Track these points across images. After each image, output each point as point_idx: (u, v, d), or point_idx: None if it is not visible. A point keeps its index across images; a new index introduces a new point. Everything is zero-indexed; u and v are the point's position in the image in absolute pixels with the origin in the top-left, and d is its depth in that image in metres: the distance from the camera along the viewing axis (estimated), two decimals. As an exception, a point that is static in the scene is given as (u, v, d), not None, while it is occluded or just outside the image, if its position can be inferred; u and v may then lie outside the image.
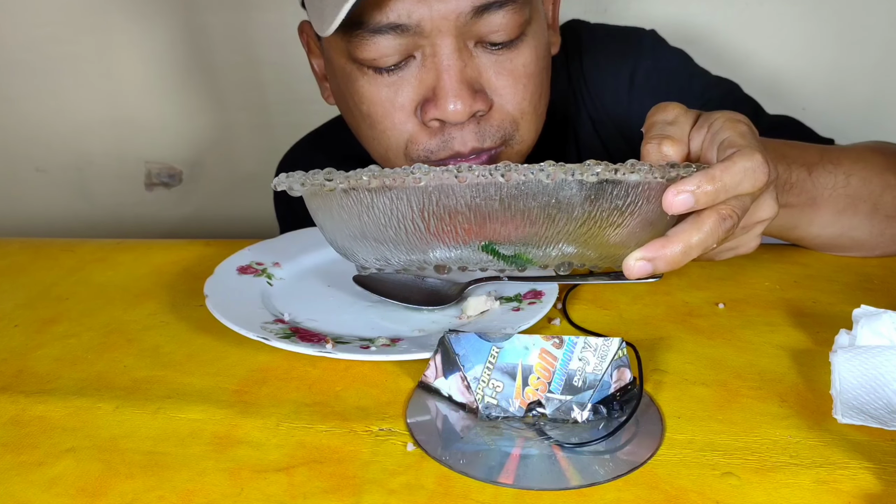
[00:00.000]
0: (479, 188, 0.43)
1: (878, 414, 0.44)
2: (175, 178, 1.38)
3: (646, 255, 0.45)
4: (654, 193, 0.45)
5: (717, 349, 0.54)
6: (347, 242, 0.50)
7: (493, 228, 0.45)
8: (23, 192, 1.41)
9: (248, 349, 0.55)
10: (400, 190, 0.44)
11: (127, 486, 0.42)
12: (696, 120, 0.53)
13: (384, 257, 0.49)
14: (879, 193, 0.64)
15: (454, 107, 0.62)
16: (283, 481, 0.42)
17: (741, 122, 0.51)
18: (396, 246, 0.47)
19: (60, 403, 0.50)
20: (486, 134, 0.65)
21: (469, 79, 0.63)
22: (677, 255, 0.45)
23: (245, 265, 0.66)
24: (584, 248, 0.47)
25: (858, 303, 0.50)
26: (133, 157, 1.37)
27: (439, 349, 0.49)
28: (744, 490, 0.40)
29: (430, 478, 0.42)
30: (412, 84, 0.64)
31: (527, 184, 0.43)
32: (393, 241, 0.47)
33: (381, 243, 0.48)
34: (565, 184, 0.43)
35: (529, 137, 0.69)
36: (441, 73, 0.62)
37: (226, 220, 1.39)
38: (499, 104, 0.65)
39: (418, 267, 0.49)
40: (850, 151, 0.66)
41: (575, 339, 0.47)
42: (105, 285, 0.68)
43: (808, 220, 0.64)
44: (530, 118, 0.67)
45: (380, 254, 0.49)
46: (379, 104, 0.66)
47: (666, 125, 0.52)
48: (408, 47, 0.62)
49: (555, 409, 0.46)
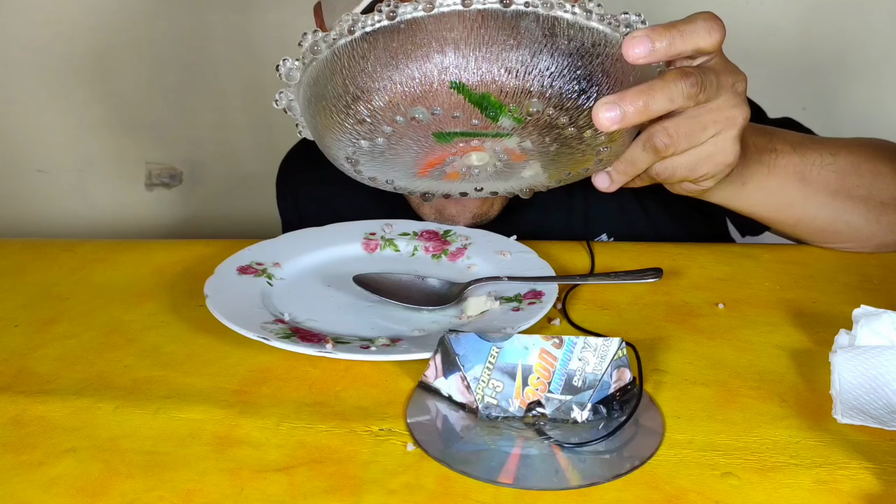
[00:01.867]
0: (445, 17, 0.45)
1: (878, 414, 0.44)
2: (175, 178, 1.38)
3: (609, 99, 0.45)
4: (612, 48, 0.47)
5: (717, 349, 0.54)
6: (340, 141, 0.51)
7: (461, 57, 0.46)
8: (23, 192, 1.41)
9: (248, 349, 0.55)
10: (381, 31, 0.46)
11: (127, 486, 0.42)
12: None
13: (366, 131, 0.49)
14: (871, 179, 0.65)
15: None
16: (283, 481, 0.42)
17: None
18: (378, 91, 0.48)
19: (60, 403, 0.50)
20: None
21: None
22: (641, 96, 0.45)
23: (245, 265, 0.66)
24: (551, 109, 0.47)
25: (858, 303, 0.50)
26: (133, 157, 1.37)
27: (439, 349, 0.49)
28: (744, 490, 0.40)
29: (430, 478, 0.42)
30: None
31: (491, 12, 0.45)
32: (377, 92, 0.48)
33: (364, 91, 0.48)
34: (524, 16, 0.45)
35: None
36: None
37: (226, 220, 1.39)
38: None
39: (411, 133, 0.50)
40: (835, 139, 0.67)
41: (575, 340, 0.47)
42: (105, 285, 0.68)
43: (802, 196, 0.64)
44: None
45: (375, 149, 0.50)
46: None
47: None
48: None
49: (555, 409, 0.46)
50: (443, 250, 0.70)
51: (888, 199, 0.65)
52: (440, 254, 0.70)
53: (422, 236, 0.72)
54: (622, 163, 0.54)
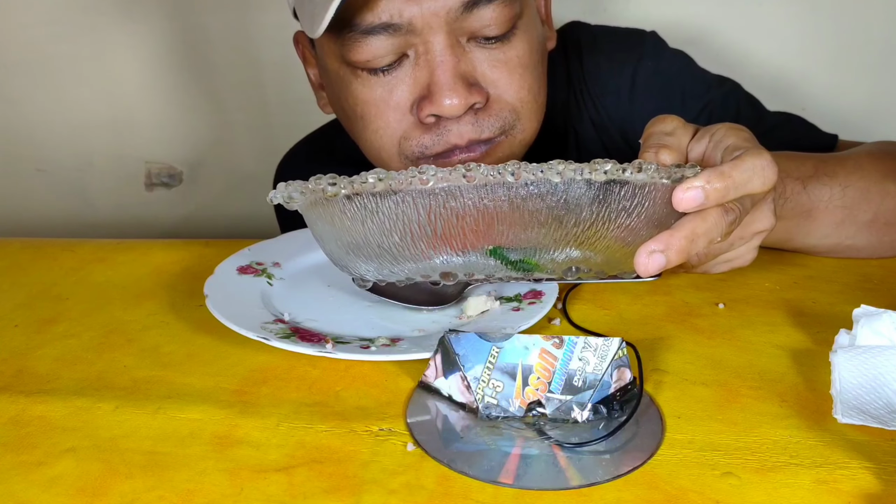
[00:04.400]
0: (487, 189, 0.42)
1: (878, 414, 0.44)
2: (175, 178, 1.38)
3: (656, 246, 0.44)
4: (660, 194, 0.44)
5: (717, 349, 0.54)
6: (348, 253, 0.48)
7: (500, 231, 0.44)
8: (23, 192, 1.41)
9: (248, 349, 0.55)
10: (406, 193, 0.43)
11: (127, 486, 0.42)
12: (695, 133, 0.53)
13: (387, 267, 0.47)
14: (879, 202, 0.64)
15: (450, 101, 0.62)
16: (283, 481, 0.42)
17: (743, 129, 0.51)
18: (401, 252, 0.46)
19: (60, 403, 0.50)
20: (484, 125, 0.65)
21: (463, 73, 0.63)
22: (684, 242, 0.44)
23: (245, 265, 0.66)
24: (591, 252, 0.46)
25: (858, 303, 0.50)
26: (133, 157, 1.37)
27: (439, 349, 0.49)
28: (744, 490, 0.40)
29: (430, 478, 0.42)
30: (406, 83, 0.64)
31: (536, 183, 0.42)
32: (397, 248, 0.46)
33: (384, 251, 0.46)
34: (574, 183, 0.42)
35: (531, 126, 0.69)
36: (434, 69, 0.62)
37: (226, 220, 1.39)
38: (496, 95, 0.65)
39: (422, 276, 0.48)
40: (847, 161, 0.66)
41: (575, 339, 0.47)
42: (105, 285, 0.68)
43: (804, 233, 0.64)
44: (531, 107, 0.67)
45: (382, 263, 0.47)
46: (373, 104, 0.66)
47: (664, 135, 0.52)
48: (400, 46, 0.63)
49: (555, 409, 0.46)
50: (443, 250, 0.70)
51: (893, 219, 0.65)
52: (440, 254, 0.70)
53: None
54: None
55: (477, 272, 0.47)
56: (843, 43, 1.15)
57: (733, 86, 0.81)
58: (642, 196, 0.44)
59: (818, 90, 1.17)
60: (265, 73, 1.28)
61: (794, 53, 1.16)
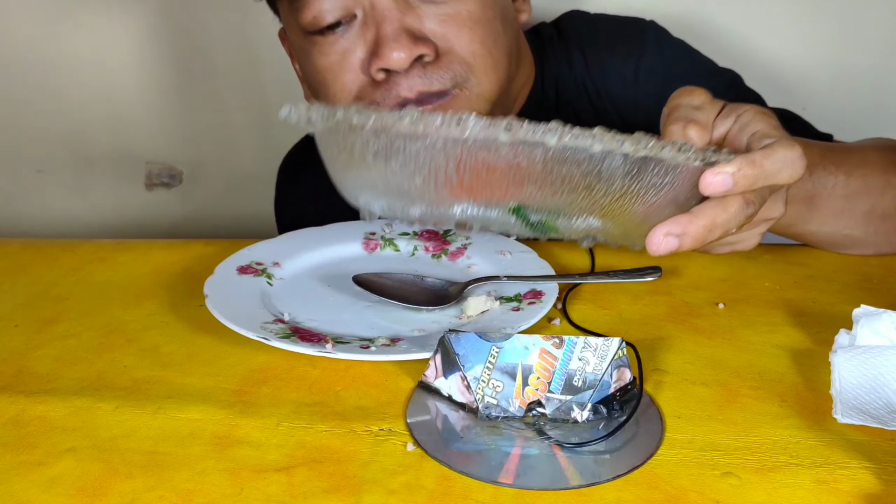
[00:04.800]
0: (524, 146, 0.40)
1: (878, 414, 0.44)
2: (175, 178, 1.38)
3: (672, 229, 0.43)
4: (689, 175, 0.43)
5: (717, 349, 0.54)
6: (360, 186, 0.45)
7: (529, 192, 0.42)
8: (23, 192, 1.41)
9: (248, 349, 0.55)
10: (438, 138, 0.40)
11: (127, 486, 0.42)
12: (721, 109, 0.52)
13: (400, 206, 0.44)
14: (879, 194, 0.64)
15: (397, 55, 0.64)
16: (283, 481, 0.42)
17: (771, 116, 0.50)
18: (420, 196, 0.43)
19: (60, 403, 0.50)
20: (434, 78, 0.66)
21: (409, 27, 0.65)
22: (702, 231, 0.43)
23: (245, 265, 0.66)
24: (611, 223, 0.44)
25: (858, 303, 0.50)
26: (133, 157, 1.37)
27: (439, 349, 0.49)
28: (744, 490, 0.40)
29: (430, 478, 0.42)
30: (357, 44, 0.67)
31: (574, 149, 0.40)
32: (417, 191, 0.43)
33: (402, 192, 0.43)
34: (611, 155, 0.40)
35: (488, 80, 0.69)
36: (380, 24, 0.65)
37: (226, 220, 1.39)
38: (446, 48, 0.66)
39: (434, 222, 0.46)
40: (853, 152, 0.66)
41: (575, 339, 0.47)
42: (105, 285, 0.68)
43: (805, 219, 0.64)
44: (485, 61, 0.68)
45: (396, 202, 0.44)
46: (329, 69, 0.68)
47: (692, 109, 0.50)
48: (347, 5, 0.65)
49: (555, 409, 0.46)
50: (443, 250, 0.70)
51: (890, 211, 0.65)
52: (440, 253, 0.70)
53: (422, 236, 0.72)
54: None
55: (492, 227, 0.45)
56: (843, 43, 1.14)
57: (735, 77, 0.81)
58: (673, 175, 0.43)
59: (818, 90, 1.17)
60: (265, 73, 1.28)
61: (795, 53, 1.16)
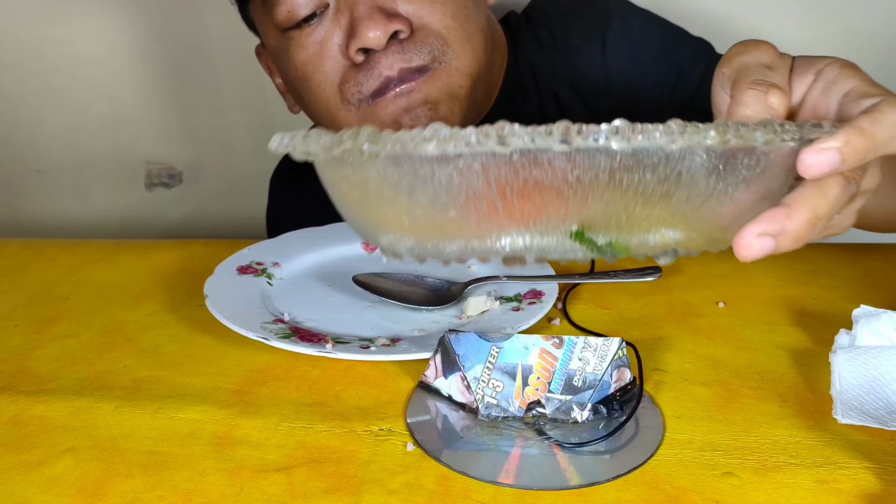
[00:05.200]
0: (583, 155, 0.31)
1: (878, 414, 0.44)
2: (175, 178, 1.38)
3: (767, 229, 0.34)
4: (782, 160, 0.35)
5: (717, 349, 0.54)
6: (381, 227, 0.37)
7: (592, 210, 0.33)
8: (23, 192, 1.41)
9: (248, 349, 0.55)
10: (475, 157, 0.32)
11: (127, 486, 0.42)
12: (792, 65, 0.43)
13: (433, 245, 0.36)
14: None
15: (373, 33, 0.65)
16: (283, 481, 0.42)
17: (859, 69, 0.42)
18: (458, 231, 0.35)
19: (60, 403, 0.50)
20: (412, 53, 0.67)
21: (381, 5, 0.66)
22: (803, 227, 0.35)
23: (245, 265, 0.66)
24: (694, 232, 0.36)
25: (860, 298, 0.50)
26: (133, 157, 1.37)
27: (439, 349, 0.49)
28: (744, 490, 0.40)
29: (430, 478, 0.42)
30: (332, 30, 0.68)
31: (647, 151, 0.31)
32: (454, 226, 0.35)
33: (434, 227, 0.35)
34: (692, 152, 0.32)
35: (465, 54, 0.70)
36: (353, 6, 0.66)
37: (226, 220, 1.39)
38: (420, 23, 0.67)
39: (476, 258, 0.36)
40: None
41: (575, 339, 0.47)
42: (105, 285, 0.68)
43: (884, 191, 0.51)
44: (459, 34, 0.69)
45: (429, 241, 0.36)
46: (309, 62, 0.69)
47: (766, 70, 0.41)
48: None
49: (555, 409, 0.46)
50: (443, 250, 0.70)
51: None
52: (440, 254, 0.70)
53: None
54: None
55: (550, 256, 0.36)
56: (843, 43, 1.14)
57: (706, 44, 0.80)
58: (765, 164, 0.34)
59: (818, 90, 1.17)
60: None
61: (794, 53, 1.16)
